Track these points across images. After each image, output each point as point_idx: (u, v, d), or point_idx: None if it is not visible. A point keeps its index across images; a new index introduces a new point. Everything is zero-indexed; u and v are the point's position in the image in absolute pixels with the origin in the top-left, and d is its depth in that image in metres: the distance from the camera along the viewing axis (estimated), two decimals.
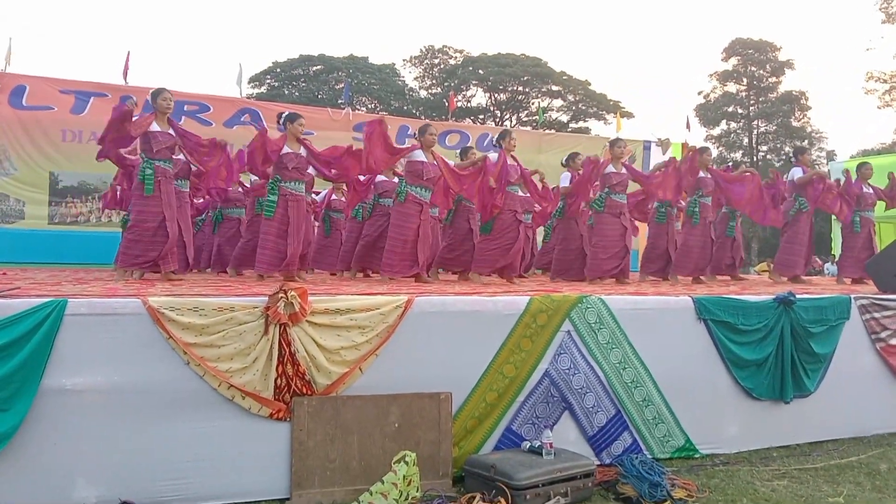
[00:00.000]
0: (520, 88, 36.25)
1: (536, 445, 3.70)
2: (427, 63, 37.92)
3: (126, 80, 11.53)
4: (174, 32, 63.08)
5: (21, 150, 10.68)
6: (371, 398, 3.61)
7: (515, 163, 6.39)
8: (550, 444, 3.67)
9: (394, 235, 6.19)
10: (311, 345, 3.51)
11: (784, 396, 4.65)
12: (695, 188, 7.15)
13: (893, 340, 5.15)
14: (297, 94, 32.51)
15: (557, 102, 36.69)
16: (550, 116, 35.21)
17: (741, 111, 37.70)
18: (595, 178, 6.96)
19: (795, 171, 7.73)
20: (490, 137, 13.61)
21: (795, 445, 4.70)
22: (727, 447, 4.49)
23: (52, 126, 10.85)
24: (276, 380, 3.45)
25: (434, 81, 37.96)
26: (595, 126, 35.79)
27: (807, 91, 36.19)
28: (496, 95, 36.91)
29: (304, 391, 3.50)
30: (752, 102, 37.37)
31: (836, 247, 10.96)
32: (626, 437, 4.20)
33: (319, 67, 34.43)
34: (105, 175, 11.25)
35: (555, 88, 36.06)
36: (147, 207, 5.50)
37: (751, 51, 36.77)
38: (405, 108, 34.57)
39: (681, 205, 7.55)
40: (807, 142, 36.37)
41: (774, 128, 36.90)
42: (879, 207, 8.21)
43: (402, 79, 37.25)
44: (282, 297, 3.43)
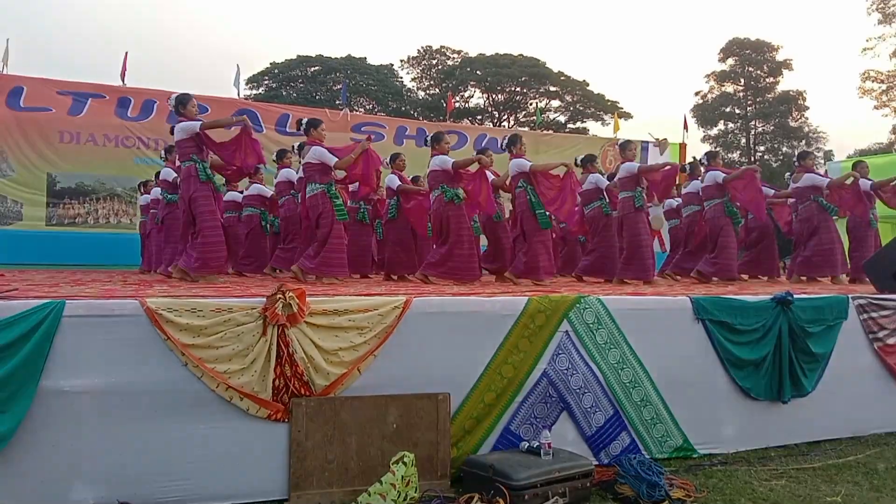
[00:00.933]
0: (518, 89, 36.26)
1: (535, 446, 3.70)
2: (425, 64, 37.91)
3: (124, 81, 11.55)
4: (172, 33, 63.03)
5: (19, 152, 10.67)
6: (369, 399, 3.61)
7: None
8: (549, 445, 3.66)
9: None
10: (310, 346, 3.51)
11: (782, 396, 4.65)
12: None
13: (891, 340, 5.16)
14: (295, 95, 32.47)
15: (555, 103, 36.72)
16: (548, 117, 35.26)
17: (739, 111, 37.75)
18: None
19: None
20: (488, 138, 13.61)
21: (793, 445, 4.70)
22: (725, 447, 4.49)
23: (50, 127, 10.85)
24: (275, 381, 3.44)
25: (432, 82, 37.96)
26: (593, 127, 35.87)
27: (804, 91, 36.26)
28: (494, 96, 36.92)
29: (303, 392, 3.50)
30: (750, 103, 37.42)
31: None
32: (625, 438, 4.20)
33: (317, 68, 34.41)
34: (103, 177, 11.31)
35: (553, 89, 36.08)
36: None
37: (748, 51, 36.81)
38: (403, 109, 34.56)
39: None
40: (804, 142, 36.45)
41: (772, 128, 36.95)
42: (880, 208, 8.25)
43: (400, 79, 37.27)
44: (280, 298, 3.43)
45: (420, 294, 4.10)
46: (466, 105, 36.70)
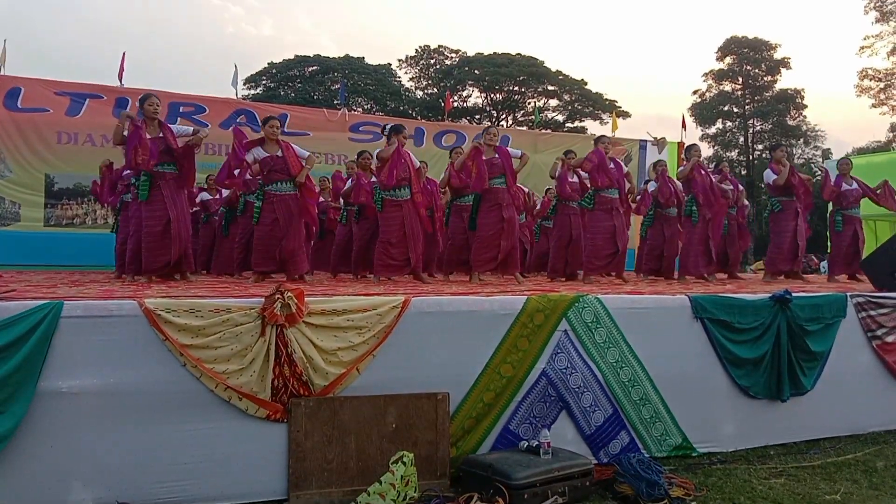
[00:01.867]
0: (516, 88, 36.28)
1: (534, 445, 3.70)
2: (423, 63, 37.92)
3: (121, 82, 11.52)
4: (170, 33, 62.97)
5: (16, 153, 10.65)
6: (368, 399, 3.61)
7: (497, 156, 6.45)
8: (548, 444, 3.66)
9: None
10: (308, 346, 3.51)
11: (781, 395, 4.65)
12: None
13: (889, 338, 5.16)
14: (293, 95, 32.46)
15: (553, 102, 36.77)
16: (546, 116, 35.28)
17: (737, 110, 37.78)
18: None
19: (767, 174, 7.76)
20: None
21: (792, 443, 4.71)
22: (724, 445, 4.50)
23: (48, 128, 10.83)
24: (273, 381, 3.44)
25: (430, 82, 37.97)
26: (591, 126, 35.91)
27: (803, 89, 36.28)
28: (492, 95, 36.93)
29: (302, 392, 3.49)
30: (748, 101, 37.44)
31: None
32: (624, 436, 4.20)
33: (315, 68, 34.42)
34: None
35: (551, 88, 36.11)
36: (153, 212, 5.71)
37: (746, 49, 36.83)
38: (401, 109, 34.57)
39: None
40: (802, 140, 36.49)
41: (770, 126, 36.97)
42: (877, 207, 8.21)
43: (398, 79, 37.28)
44: (278, 299, 3.43)
45: (419, 294, 4.10)
46: (464, 104, 36.71)
